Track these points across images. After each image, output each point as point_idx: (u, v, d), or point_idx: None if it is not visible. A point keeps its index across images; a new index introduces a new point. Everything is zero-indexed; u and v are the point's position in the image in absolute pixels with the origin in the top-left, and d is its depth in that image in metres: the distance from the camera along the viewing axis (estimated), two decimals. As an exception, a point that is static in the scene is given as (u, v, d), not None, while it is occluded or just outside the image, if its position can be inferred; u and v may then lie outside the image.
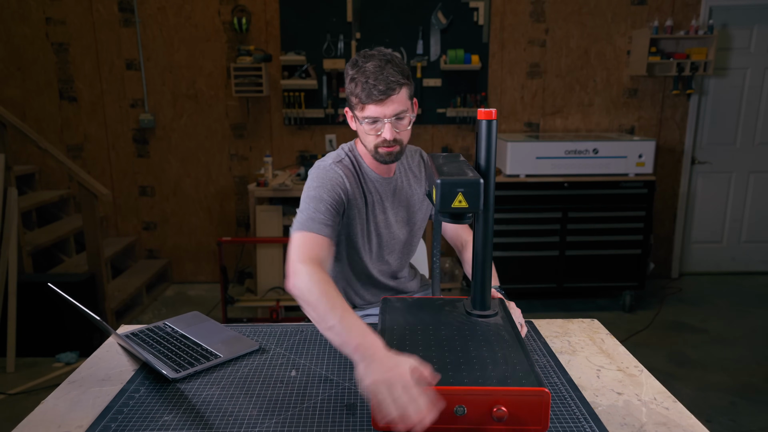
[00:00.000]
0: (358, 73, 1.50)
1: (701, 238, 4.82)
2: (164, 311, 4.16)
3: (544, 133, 4.51)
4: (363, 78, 1.48)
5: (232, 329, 1.52)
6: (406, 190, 1.73)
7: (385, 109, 1.49)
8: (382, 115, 1.50)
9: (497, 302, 1.36)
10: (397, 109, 1.50)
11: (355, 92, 1.51)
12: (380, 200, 1.67)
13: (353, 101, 1.53)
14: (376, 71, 1.47)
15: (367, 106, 1.50)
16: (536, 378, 1.02)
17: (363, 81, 1.48)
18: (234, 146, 4.55)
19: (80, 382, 1.27)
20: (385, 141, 1.53)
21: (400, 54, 4.35)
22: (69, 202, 4.51)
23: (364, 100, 1.49)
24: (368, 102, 1.49)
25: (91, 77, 4.42)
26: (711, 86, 4.56)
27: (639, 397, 1.20)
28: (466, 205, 1.11)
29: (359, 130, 1.58)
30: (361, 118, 1.53)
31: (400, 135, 1.55)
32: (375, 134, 1.53)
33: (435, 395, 0.99)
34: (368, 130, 1.54)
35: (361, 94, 1.49)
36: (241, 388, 1.23)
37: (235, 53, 4.34)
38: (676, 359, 3.39)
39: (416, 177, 1.75)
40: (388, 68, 1.48)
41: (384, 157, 1.57)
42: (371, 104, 1.49)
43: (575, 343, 1.47)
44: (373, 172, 1.66)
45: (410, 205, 1.73)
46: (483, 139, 1.19)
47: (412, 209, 1.74)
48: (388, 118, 1.51)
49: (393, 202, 1.70)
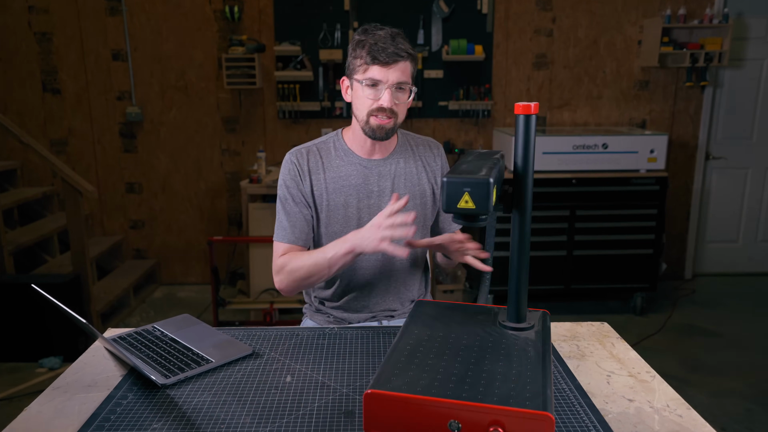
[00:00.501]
0: (367, 37, 1.54)
1: (716, 238, 4.83)
2: (152, 314, 4.16)
3: (551, 127, 4.51)
4: (372, 40, 1.52)
5: (224, 333, 1.51)
6: (413, 177, 1.72)
7: (389, 73, 1.52)
8: (385, 79, 1.52)
9: (539, 316, 1.35)
10: (401, 77, 1.53)
11: (360, 54, 1.54)
12: (368, 182, 1.68)
13: (356, 64, 1.56)
14: (386, 38, 1.53)
15: (371, 67, 1.52)
16: (543, 401, 0.99)
17: (372, 43, 1.52)
18: (225, 141, 4.54)
19: (65, 389, 1.27)
20: (381, 109, 1.54)
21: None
22: (52, 200, 4.50)
23: (369, 62, 1.52)
24: (373, 63, 1.52)
25: (76, 68, 4.41)
26: (726, 78, 4.56)
27: (651, 404, 1.20)
28: (472, 205, 1.10)
29: (354, 97, 1.60)
30: (362, 79, 1.54)
31: (398, 108, 1.56)
32: (373, 99, 1.55)
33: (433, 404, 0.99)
34: (367, 94, 1.55)
35: (367, 56, 1.52)
36: (234, 395, 1.23)
37: (226, 43, 4.34)
38: (690, 364, 3.39)
39: (429, 167, 1.75)
40: (399, 38, 1.54)
41: (374, 130, 1.58)
42: (376, 65, 1.52)
43: (584, 347, 1.47)
44: (355, 155, 1.68)
45: (423, 194, 1.73)
46: (521, 136, 1.17)
47: (424, 198, 1.74)
48: (391, 84, 1.53)
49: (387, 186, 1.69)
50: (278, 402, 1.20)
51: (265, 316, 3.81)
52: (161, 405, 1.19)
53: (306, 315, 1.87)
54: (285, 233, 1.66)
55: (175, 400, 1.20)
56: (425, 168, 1.75)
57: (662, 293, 4.44)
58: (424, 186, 1.74)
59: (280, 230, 1.67)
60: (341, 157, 1.69)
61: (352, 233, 1.49)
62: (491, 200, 1.09)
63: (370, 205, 1.68)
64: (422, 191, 1.74)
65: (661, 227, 4.03)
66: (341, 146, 1.70)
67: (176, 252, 4.72)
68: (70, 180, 3.45)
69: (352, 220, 1.67)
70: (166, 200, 4.64)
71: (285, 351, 1.43)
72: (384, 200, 1.69)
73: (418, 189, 1.73)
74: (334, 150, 1.70)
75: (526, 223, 1.22)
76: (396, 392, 1.01)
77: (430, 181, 1.75)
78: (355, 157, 1.68)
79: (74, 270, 3.57)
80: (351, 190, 1.67)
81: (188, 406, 1.18)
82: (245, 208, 3.97)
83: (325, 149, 1.70)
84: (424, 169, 1.75)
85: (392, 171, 1.70)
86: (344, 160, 1.68)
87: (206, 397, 1.22)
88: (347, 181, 1.67)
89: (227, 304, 3.88)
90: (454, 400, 1.00)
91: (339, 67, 4.36)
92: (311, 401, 1.20)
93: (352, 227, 1.65)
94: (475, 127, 4.56)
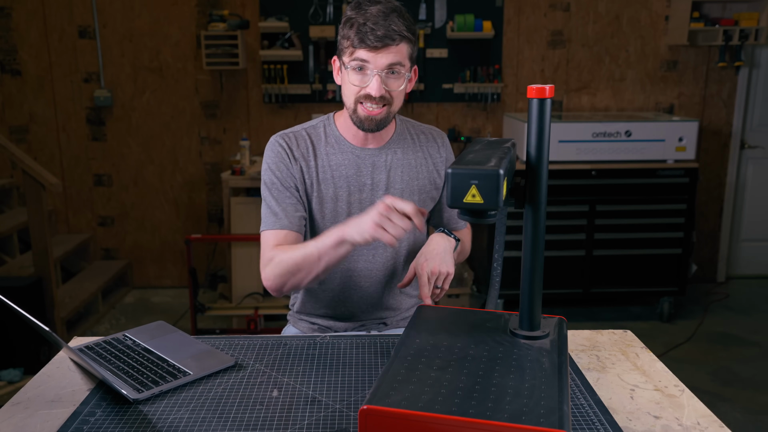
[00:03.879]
0: (357, 14, 1.51)
1: (752, 236, 4.83)
2: (123, 321, 4.16)
3: (567, 113, 4.51)
4: (361, 19, 1.50)
5: (203, 342, 1.51)
6: (412, 169, 1.71)
7: (378, 58, 1.50)
8: (373, 64, 1.51)
9: (555, 323, 1.35)
10: (394, 60, 1.51)
11: (347, 34, 1.52)
12: (360, 173, 1.67)
13: (344, 45, 1.55)
14: (378, 16, 1.49)
15: (358, 50, 1.51)
16: (559, 418, 0.99)
17: (360, 23, 1.49)
18: (205, 128, 4.54)
19: (26, 404, 1.27)
20: (369, 97, 1.53)
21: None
22: (12, 194, 4.50)
23: (356, 44, 1.50)
24: (360, 47, 1.50)
25: (38, 47, 4.40)
26: (763, 57, 4.56)
27: (680, 422, 1.20)
28: (480, 200, 1.09)
29: (343, 81, 1.59)
30: (347, 62, 1.54)
31: (392, 95, 1.56)
32: (359, 85, 1.54)
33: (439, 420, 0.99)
34: (353, 80, 1.54)
35: (354, 37, 1.50)
36: (214, 411, 1.23)
37: (206, 19, 4.33)
38: (723, 377, 3.40)
39: (431, 159, 1.75)
40: (393, 16, 1.50)
41: (362, 121, 1.58)
42: (363, 49, 1.50)
43: (605, 358, 1.47)
44: (347, 143, 1.67)
45: (422, 189, 1.73)
46: (534, 122, 1.17)
47: (423, 195, 1.73)
48: (379, 69, 1.51)
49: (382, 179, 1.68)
50: (263, 419, 1.20)
51: (249, 324, 3.81)
52: (133, 422, 1.19)
53: (289, 321, 1.87)
54: (276, 219, 1.62)
55: (148, 417, 1.20)
56: (426, 160, 1.74)
57: (692, 298, 4.45)
58: (423, 180, 1.72)
59: (269, 217, 1.63)
60: (332, 144, 1.68)
61: (344, 224, 1.47)
62: (501, 194, 1.09)
63: (361, 200, 1.68)
64: (421, 186, 1.72)
65: (690, 224, 4.04)
66: (332, 132, 1.69)
67: (150, 252, 4.72)
68: (31, 172, 3.44)
69: (341, 215, 1.67)
70: (138, 194, 4.63)
71: (271, 362, 1.43)
72: (378, 195, 1.68)
73: (417, 183, 1.71)
74: (324, 136, 1.69)
75: (541, 220, 1.22)
76: (395, 408, 1.01)
77: (431, 175, 1.74)
78: (347, 145, 1.68)
79: (36, 272, 3.57)
80: (342, 181, 1.66)
81: (163, 423, 1.18)
82: (227, 203, 3.97)
83: (315, 134, 1.69)
84: (425, 161, 1.73)
85: (388, 162, 1.69)
86: (335, 148, 1.68)
87: (183, 414, 1.21)
88: (338, 171, 1.66)
89: (207, 309, 3.88)
90: (459, 417, 1.00)
91: (331, 45, 4.36)
92: (300, 418, 1.20)
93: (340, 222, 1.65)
94: (484, 112, 4.56)
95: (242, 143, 4.05)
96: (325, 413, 1.22)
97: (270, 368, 1.40)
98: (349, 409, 1.22)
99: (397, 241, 1.36)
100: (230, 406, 1.24)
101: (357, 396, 1.27)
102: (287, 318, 1.89)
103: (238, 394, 1.29)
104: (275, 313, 3.91)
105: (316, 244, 1.49)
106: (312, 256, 1.48)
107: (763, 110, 4.63)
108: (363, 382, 1.33)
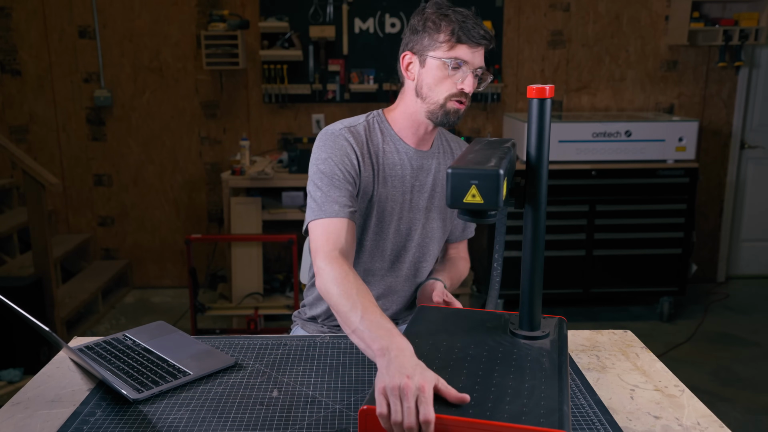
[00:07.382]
0: (449, 11, 1.52)
1: (752, 236, 4.83)
2: (123, 321, 4.16)
3: (567, 113, 4.51)
4: (460, 17, 1.51)
5: (203, 342, 1.51)
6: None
7: (475, 56, 1.52)
8: (471, 61, 1.52)
9: (555, 323, 1.34)
10: (482, 63, 1.54)
11: (444, 29, 1.51)
12: (412, 175, 1.65)
13: (437, 39, 1.52)
14: (471, 17, 1.52)
15: (460, 45, 1.50)
16: (559, 418, 0.99)
17: (460, 20, 1.50)
18: (205, 128, 4.54)
19: (26, 404, 1.27)
20: (462, 93, 1.53)
21: (399, 20, 4.36)
22: (12, 194, 4.50)
23: (459, 38, 1.50)
24: (463, 42, 1.50)
25: (38, 47, 4.40)
26: (763, 57, 4.56)
27: (680, 422, 1.20)
28: (480, 200, 1.10)
29: (428, 76, 1.55)
30: (446, 58, 1.51)
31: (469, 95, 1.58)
32: (453, 81, 1.53)
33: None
34: (450, 74, 1.52)
35: (459, 31, 1.49)
36: (214, 411, 1.23)
37: (206, 19, 4.33)
38: (723, 377, 3.40)
39: None
40: (480, 21, 1.54)
41: (449, 114, 1.56)
42: (465, 45, 1.50)
43: (605, 358, 1.47)
44: (403, 142, 1.64)
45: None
46: (534, 122, 1.18)
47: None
48: (476, 68, 1.53)
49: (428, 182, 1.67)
50: (263, 419, 1.20)
51: (249, 324, 3.81)
52: (133, 422, 1.19)
53: (296, 323, 1.86)
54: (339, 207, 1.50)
55: (148, 417, 1.20)
56: None
57: (692, 298, 4.45)
58: None
59: (328, 204, 1.50)
60: (388, 143, 1.64)
61: (397, 351, 1.14)
62: (501, 194, 1.09)
63: (410, 201, 1.66)
64: None
65: (690, 224, 4.03)
66: (388, 131, 1.65)
67: (150, 252, 4.72)
68: (31, 171, 3.44)
69: (392, 215, 1.64)
70: (138, 194, 4.63)
71: (271, 362, 1.43)
72: (422, 197, 1.67)
73: None
74: (380, 134, 1.65)
75: (541, 220, 1.22)
76: None
77: None
78: (403, 146, 1.65)
79: (36, 272, 3.56)
80: (397, 182, 1.64)
81: (163, 423, 1.18)
82: (227, 203, 3.96)
83: (372, 132, 1.64)
84: None
85: (433, 166, 1.68)
86: (392, 147, 1.64)
87: (183, 414, 1.21)
88: (394, 171, 1.63)
89: (207, 309, 3.88)
90: (459, 417, 1.00)
91: (331, 45, 4.35)
92: (300, 418, 1.20)
93: (389, 224, 1.64)
94: (484, 112, 4.56)
95: (242, 143, 4.05)
96: (325, 413, 1.22)
97: (270, 368, 1.40)
98: (349, 409, 1.22)
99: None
100: (230, 406, 1.24)
101: (357, 396, 1.27)
102: (293, 319, 1.88)
103: (238, 394, 1.29)
104: (275, 313, 3.92)
105: (362, 320, 1.26)
106: (351, 323, 1.29)
107: (763, 110, 4.63)
108: (363, 382, 1.33)
